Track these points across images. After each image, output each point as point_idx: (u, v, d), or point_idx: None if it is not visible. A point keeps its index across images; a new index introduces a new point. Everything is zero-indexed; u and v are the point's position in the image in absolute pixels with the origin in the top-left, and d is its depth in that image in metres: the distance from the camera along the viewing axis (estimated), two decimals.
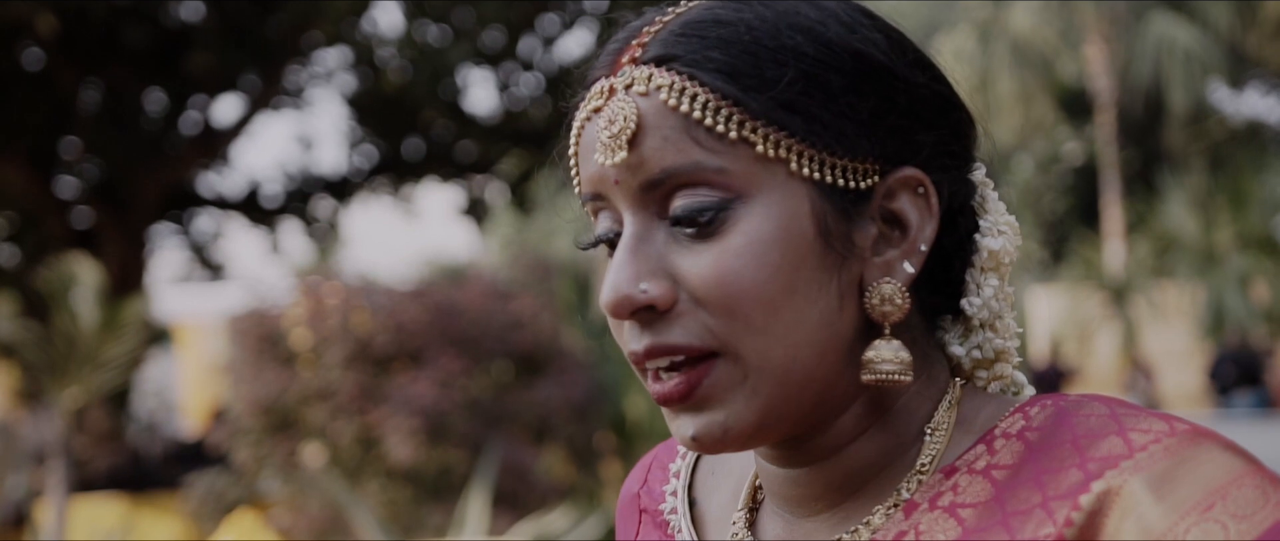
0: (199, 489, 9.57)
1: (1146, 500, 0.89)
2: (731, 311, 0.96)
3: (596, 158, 1.00)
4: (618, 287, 0.97)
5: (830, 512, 1.02)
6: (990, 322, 1.05)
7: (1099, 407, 0.96)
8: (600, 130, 1.00)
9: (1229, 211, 23.40)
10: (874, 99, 0.99)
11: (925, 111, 1.01)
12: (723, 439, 0.98)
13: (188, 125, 15.97)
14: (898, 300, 0.98)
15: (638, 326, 0.98)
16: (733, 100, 0.96)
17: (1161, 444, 0.91)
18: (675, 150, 0.97)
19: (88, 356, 9.26)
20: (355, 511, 6.92)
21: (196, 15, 15.44)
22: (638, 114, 0.98)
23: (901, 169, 1.00)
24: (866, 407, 1.01)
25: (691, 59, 0.98)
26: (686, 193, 0.97)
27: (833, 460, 1.01)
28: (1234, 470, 0.90)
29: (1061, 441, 0.95)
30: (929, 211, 1.00)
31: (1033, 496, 0.93)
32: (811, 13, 1.00)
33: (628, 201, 0.99)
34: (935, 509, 0.97)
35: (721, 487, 1.13)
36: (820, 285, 0.97)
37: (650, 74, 0.99)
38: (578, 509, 7.19)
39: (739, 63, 0.97)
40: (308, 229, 18.14)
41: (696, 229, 0.97)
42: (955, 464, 0.98)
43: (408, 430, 7.66)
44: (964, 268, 1.04)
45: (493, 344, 8.11)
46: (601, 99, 1.01)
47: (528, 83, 16.82)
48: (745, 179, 0.97)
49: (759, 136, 0.96)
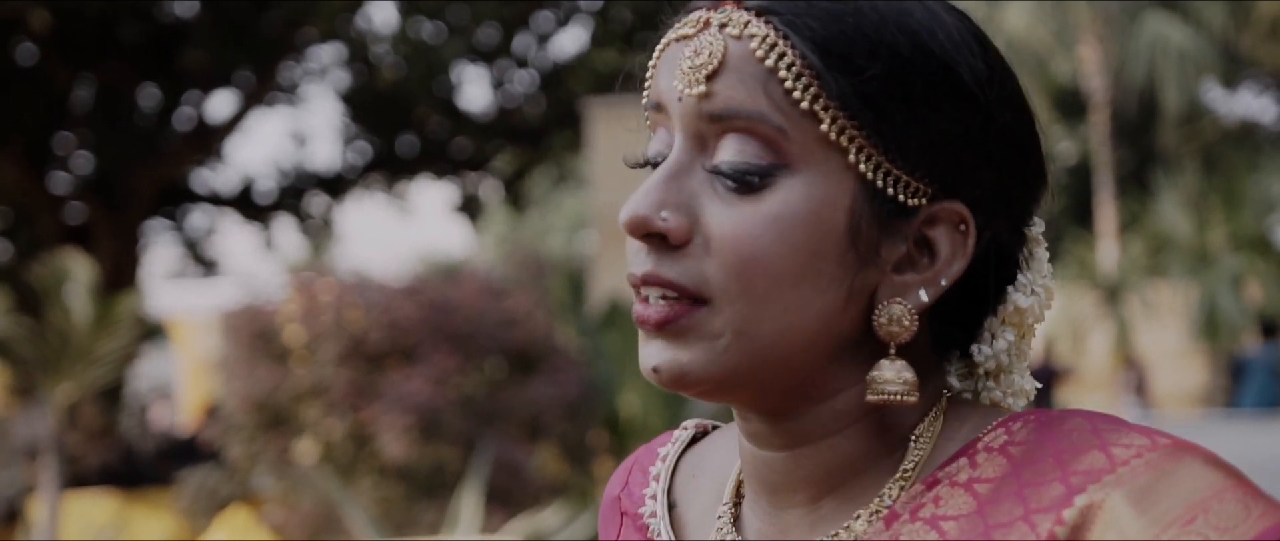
0: (191, 485, 9.57)
1: (1128, 514, 0.89)
2: (738, 272, 0.96)
3: (674, 83, 1.00)
4: (640, 207, 0.98)
5: (809, 508, 1.02)
6: (995, 374, 1.05)
7: (1081, 422, 0.95)
8: (684, 58, 1.00)
9: (1223, 211, 23.42)
10: (950, 122, 0.98)
11: (997, 151, 1.00)
12: (679, 379, 0.98)
13: (182, 121, 15.95)
14: (906, 322, 0.98)
15: (645, 250, 0.99)
16: (815, 73, 0.96)
17: (1143, 458, 0.91)
18: (747, 94, 0.97)
19: (80, 352, 9.25)
20: (348, 508, 6.91)
21: (191, 11, 15.43)
22: (724, 52, 0.98)
23: (951, 200, 0.99)
24: (850, 404, 1.00)
25: (790, 19, 0.98)
26: (740, 141, 0.97)
27: (811, 448, 1.01)
28: (1216, 484, 0.90)
29: (1044, 456, 0.94)
30: (963, 251, 0.99)
31: (1015, 509, 0.93)
32: (922, 16, 0.99)
33: (683, 126, 1.00)
34: (917, 520, 0.97)
35: (702, 489, 1.13)
36: (832, 280, 0.97)
37: (748, 20, 0.98)
38: (570, 507, 7.20)
39: (833, 40, 0.97)
40: (301, 225, 18.13)
41: (736, 185, 0.97)
42: (937, 475, 0.98)
43: (401, 427, 7.66)
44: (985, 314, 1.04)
45: (486, 341, 8.11)
46: (694, 29, 1.01)
47: (522, 80, 16.82)
48: (800, 151, 0.97)
49: (828, 116, 0.96)
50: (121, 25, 15.03)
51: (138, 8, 14.92)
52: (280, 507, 8.17)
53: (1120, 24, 26.11)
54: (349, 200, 18.24)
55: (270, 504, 8.40)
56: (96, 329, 9.29)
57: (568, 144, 16.45)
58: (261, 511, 8.52)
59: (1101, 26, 25.97)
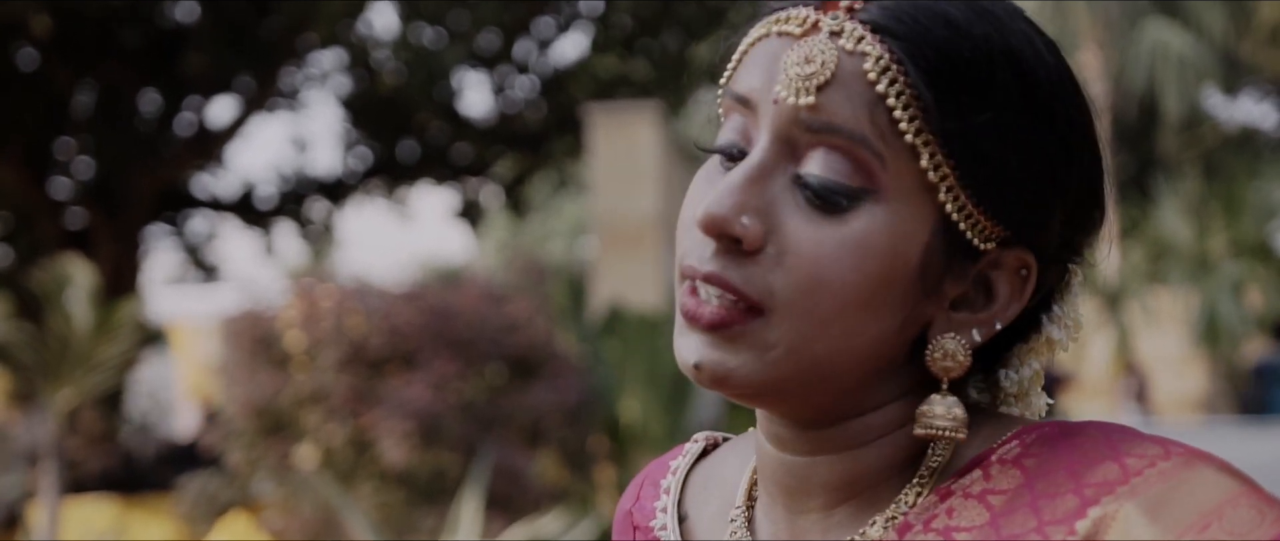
0: (192, 491, 9.57)
1: (1142, 523, 0.89)
2: (808, 291, 0.94)
3: (774, 86, 0.96)
4: (721, 207, 0.95)
5: (825, 513, 1.02)
6: (1016, 397, 1.05)
7: (1095, 433, 0.95)
8: (791, 63, 0.95)
9: (1223, 217, 23.43)
10: (1042, 173, 0.97)
11: (1074, 204, 1.00)
12: (722, 381, 0.97)
13: (182, 126, 15.96)
14: (960, 357, 0.98)
15: (712, 247, 0.96)
16: (925, 108, 0.93)
17: (1156, 468, 0.91)
18: (852, 114, 0.94)
19: (81, 358, 9.25)
20: (348, 514, 6.91)
21: (191, 16, 15.44)
22: (836, 67, 0.94)
23: (1021, 249, 0.98)
24: (882, 420, 1.00)
25: (908, 45, 0.94)
26: (832, 157, 0.94)
27: (836, 457, 1.01)
28: (1229, 491, 0.90)
29: (1057, 468, 0.94)
30: (1020, 296, 0.99)
31: (1028, 521, 0.93)
32: (1031, 58, 0.96)
33: (773, 129, 0.96)
34: (929, 530, 0.96)
35: (712, 501, 1.12)
36: (892, 309, 0.96)
37: (863, 36, 0.95)
38: (571, 512, 7.19)
39: (947, 75, 0.94)
40: (302, 231, 18.13)
41: (822, 202, 0.94)
42: (951, 487, 0.98)
43: (401, 433, 7.65)
44: (1016, 341, 1.03)
45: (487, 347, 8.11)
46: (800, 29, 0.97)
47: (523, 85, 16.82)
48: (892, 181, 0.94)
49: (927, 152, 0.94)
50: (122, 30, 15.04)
51: (138, 12, 14.93)
52: (280, 513, 8.16)
53: (1121, 30, 26.14)
54: (349, 206, 18.25)
55: (270, 509, 8.39)
56: (97, 334, 9.29)
57: (568, 149, 16.45)
58: (261, 517, 8.52)
59: (1102, 32, 25.99)
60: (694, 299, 0.97)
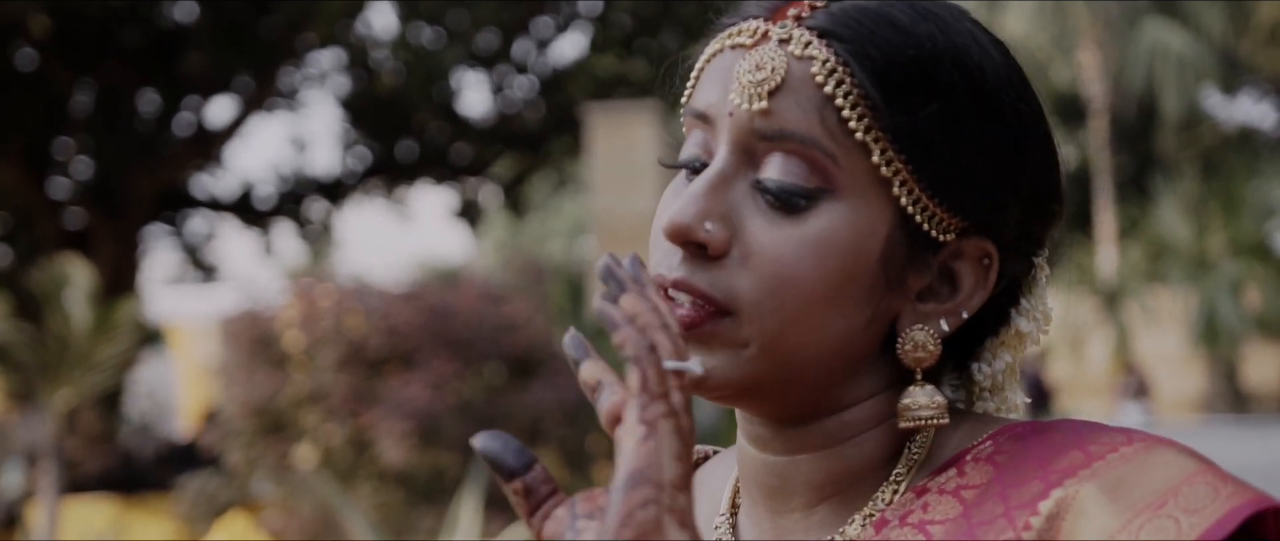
0: (191, 490, 9.57)
1: (1101, 501, 0.92)
2: (772, 290, 0.97)
3: (728, 95, 1.00)
4: (684, 215, 0.98)
5: (806, 513, 1.04)
6: (991, 391, 1.07)
7: (1065, 428, 0.98)
8: (743, 72, 0.99)
9: (1221, 217, 23.44)
10: (991, 163, 1.00)
11: (1029, 193, 1.02)
12: (700, 383, 0.99)
13: (181, 126, 15.96)
14: (930, 347, 1.00)
15: (678, 255, 0.99)
16: (872, 105, 0.97)
17: (1119, 452, 0.94)
18: (803, 117, 0.97)
19: (80, 358, 9.25)
20: (347, 514, 6.91)
21: (190, 16, 15.44)
22: (786, 72, 0.98)
23: (980, 238, 1.01)
24: (860, 417, 1.02)
25: (853, 46, 0.98)
26: (788, 161, 0.98)
27: (816, 455, 1.02)
28: (1186, 470, 0.92)
29: (1027, 459, 0.97)
30: (984, 285, 1.02)
31: (996, 507, 0.96)
32: (977, 56, 1.00)
33: (731, 139, 1.00)
34: (905, 525, 0.99)
35: (702, 512, 1.14)
36: (858, 305, 0.98)
37: (810, 41, 0.98)
38: None
39: (893, 73, 0.97)
40: (301, 231, 18.13)
41: (781, 204, 0.98)
42: (927, 485, 1.00)
43: (400, 432, 7.65)
44: (985, 334, 1.06)
45: (485, 346, 8.11)
46: (752, 39, 1.00)
47: (522, 85, 16.83)
48: (846, 179, 0.97)
49: (878, 149, 0.97)
50: (121, 29, 15.04)
51: (137, 12, 14.93)
52: (279, 513, 8.17)
53: (1120, 30, 26.14)
54: (348, 206, 18.25)
55: (269, 509, 8.40)
56: (96, 334, 9.29)
57: (567, 149, 16.46)
58: (260, 517, 8.52)
59: (1101, 32, 26.00)
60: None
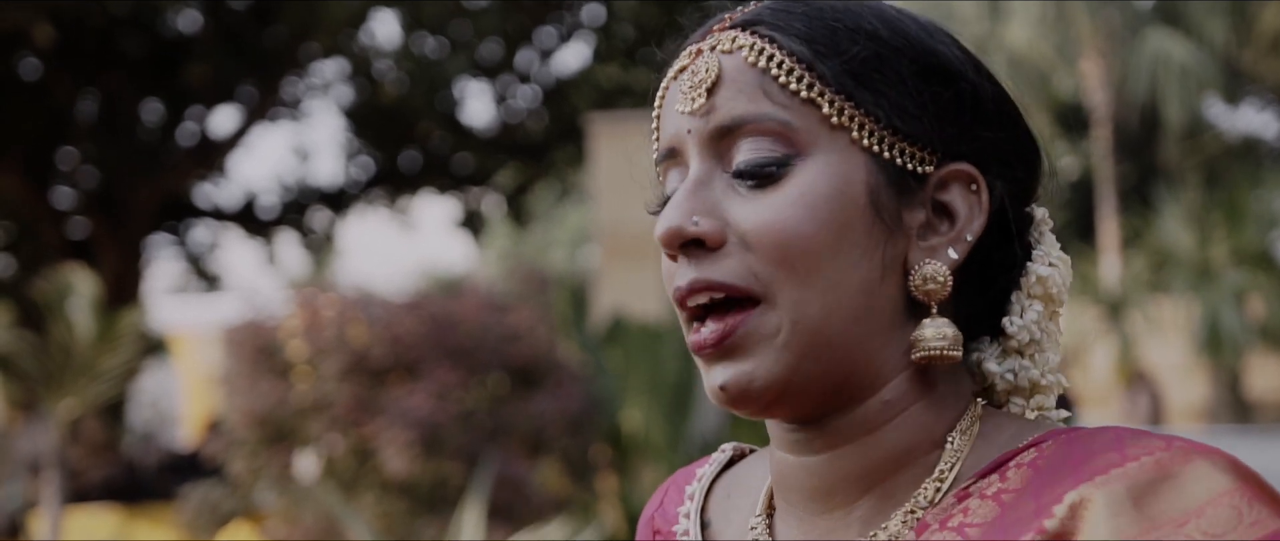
0: (194, 500, 9.56)
1: (1125, 506, 0.92)
2: (778, 256, 1.00)
3: (676, 108, 1.06)
4: (671, 220, 1.02)
5: (847, 510, 1.04)
6: (1028, 349, 1.07)
7: (1108, 433, 0.98)
8: (683, 83, 1.06)
9: (1225, 227, 23.40)
10: (940, 91, 1.04)
11: (988, 115, 1.06)
12: (749, 390, 1.01)
13: (184, 136, 15.97)
14: (940, 279, 1.02)
15: (684, 261, 1.03)
16: (806, 64, 1.03)
17: (1154, 457, 0.93)
18: (748, 100, 1.03)
19: (83, 367, 9.25)
20: (350, 523, 6.91)
21: (194, 26, 15.45)
22: (719, 67, 1.04)
23: (957, 162, 1.04)
24: (896, 394, 1.03)
25: (774, 25, 1.04)
26: (752, 142, 1.02)
27: (855, 446, 1.03)
28: (1217, 488, 0.91)
29: (1065, 462, 0.97)
30: (979, 207, 1.04)
31: (1028, 506, 0.96)
32: (893, 12, 1.06)
33: (697, 149, 1.04)
34: (945, 529, 0.99)
35: (737, 509, 1.14)
36: (865, 251, 1.01)
37: (734, 36, 1.05)
38: (573, 522, 7.19)
39: (817, 33, 1.04)
40: (304, 240, 18.14)
41: (756, 181, 1.02)
42: (969, 489, 1.00)
43: (403, 442, 7.65)
44: (1010, 291, 1.07)
45: (489, 356, 8.11)
46: (688, 59, 1.07)
47: (525, 95, 16.84)
48: (808, 138, 1.02)
49: (825, 100, 1.02)
50: (124, 39, 15.06)
51: (140, 21, 14.94)
52: (282, 523, 8.16)
53: (1122, 39, 26.13)
54: (351, 215, 18.26)
55: (272, 519, 8.39)
56: (99, 344, 9.30)
57: (570, 159, 16.46)
58: (263, 527, 8.52)
59: (1103, 41, 25.98)
60: (696, 333, 1.02)
